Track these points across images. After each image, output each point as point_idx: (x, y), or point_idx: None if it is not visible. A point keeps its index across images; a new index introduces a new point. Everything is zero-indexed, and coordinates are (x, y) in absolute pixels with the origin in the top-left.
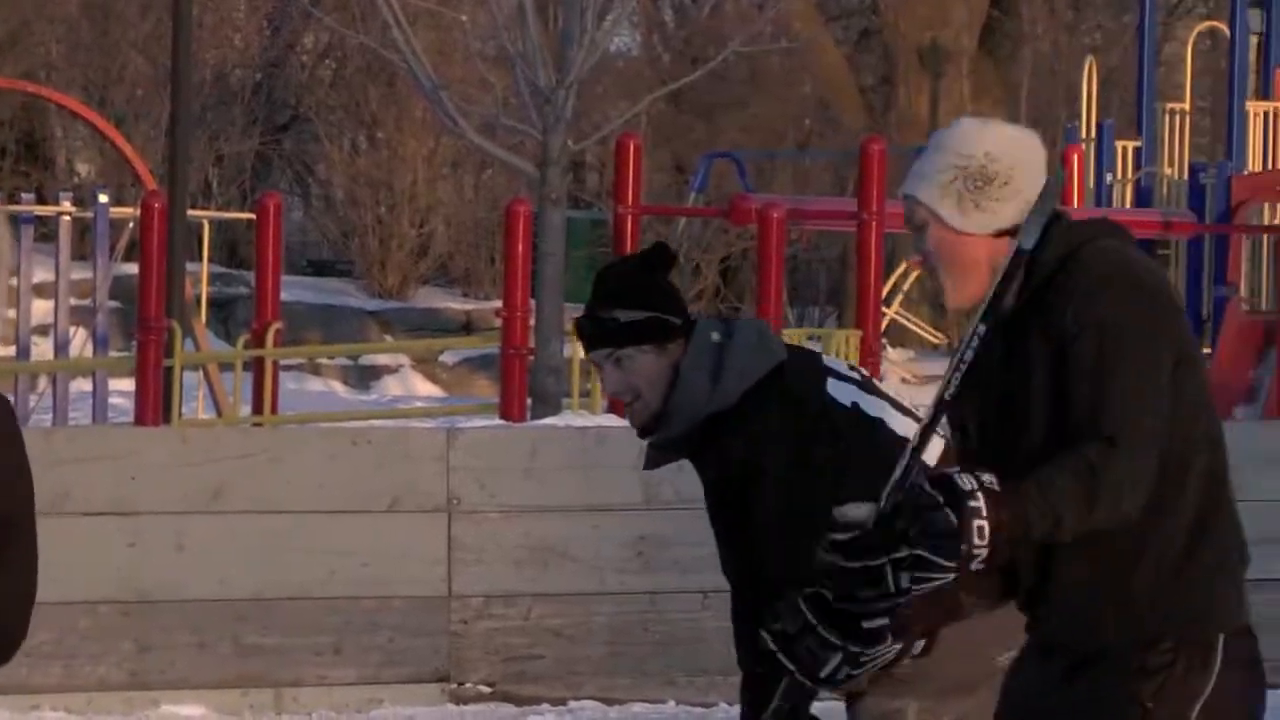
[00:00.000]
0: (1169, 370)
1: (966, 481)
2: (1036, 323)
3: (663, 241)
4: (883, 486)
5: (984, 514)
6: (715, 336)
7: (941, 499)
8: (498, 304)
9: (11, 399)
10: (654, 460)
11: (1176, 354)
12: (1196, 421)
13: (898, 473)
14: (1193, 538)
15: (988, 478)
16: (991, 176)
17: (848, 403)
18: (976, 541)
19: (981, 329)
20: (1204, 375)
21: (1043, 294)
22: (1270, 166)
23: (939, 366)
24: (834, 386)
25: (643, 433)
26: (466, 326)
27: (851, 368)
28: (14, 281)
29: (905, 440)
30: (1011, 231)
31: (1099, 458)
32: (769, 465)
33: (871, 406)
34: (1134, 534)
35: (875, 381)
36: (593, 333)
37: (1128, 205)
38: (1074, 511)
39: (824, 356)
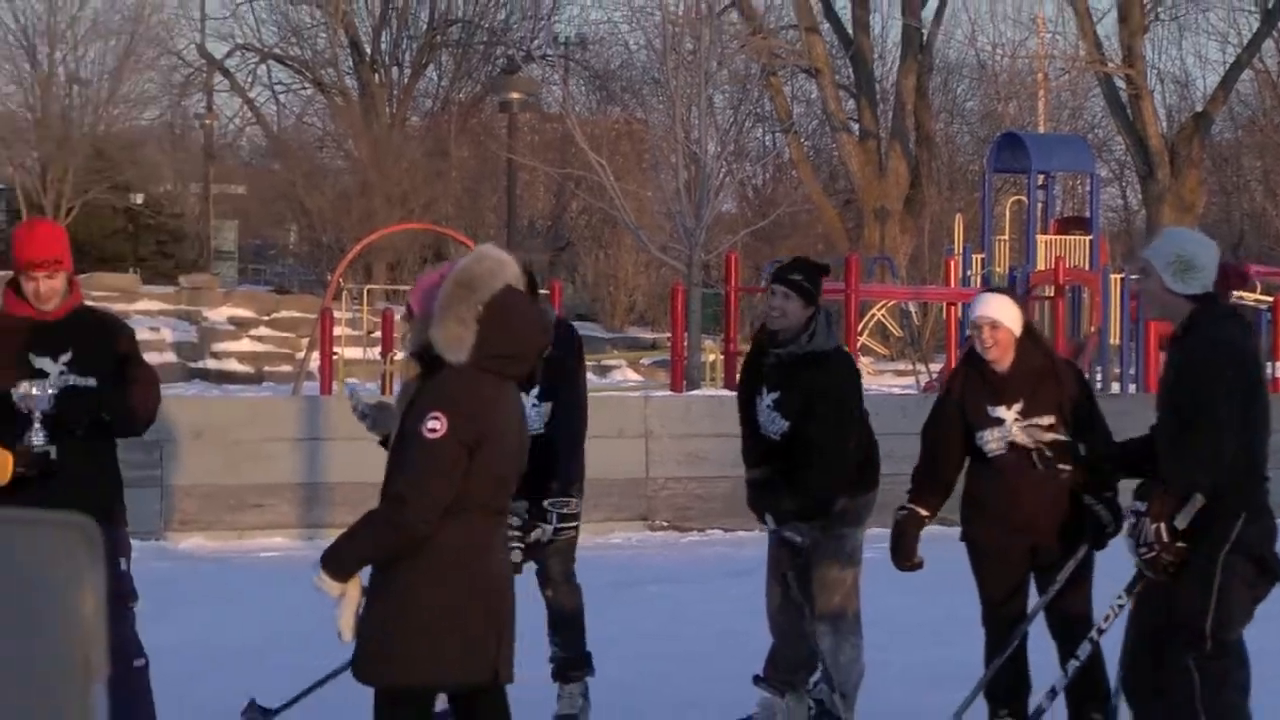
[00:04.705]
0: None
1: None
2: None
3: (826, 264)
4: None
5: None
6: (825, 317)
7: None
8: (668, 334)
9: None
10: (775, 358)
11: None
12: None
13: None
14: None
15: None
16: (1189, 263)
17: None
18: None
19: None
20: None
21: (1180, 339)
22: (1047, 267)
23: (886, 366)
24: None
25: (773, 341)
26: (653, 345)
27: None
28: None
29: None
30: (1191, 296)
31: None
32: (837, 384)
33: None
34: None
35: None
36: (781, 276)
37: (976, 286)
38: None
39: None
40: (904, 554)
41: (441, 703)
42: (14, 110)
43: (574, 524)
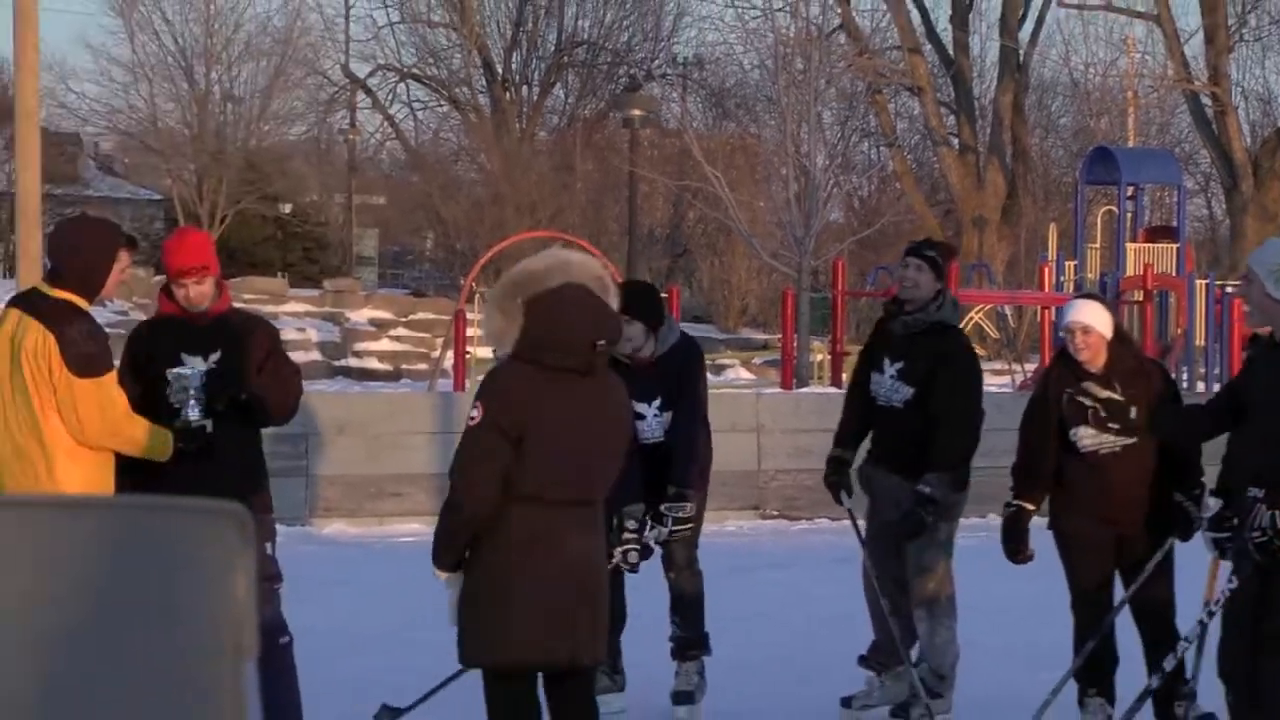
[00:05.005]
0: None
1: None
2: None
3: (955, 246)
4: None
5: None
6: (953, 298)
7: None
8: (778, 336)
9: None
10: (903, 325)
11: None
12: None
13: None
14: None
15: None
16: None
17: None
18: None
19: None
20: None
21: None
22: (1136, 274)
23: (983, 366)
24: None
25: (902, 309)
26: (764, 345)
27: None
28: None
29: None
30: None
31: None
32: (961, 358)
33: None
34: None
35: None
36: (915, 250)
37: (1069, 291)
38: None
39: None
40: (1016, 548)
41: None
42: (173, 126)
43: (688, 527)
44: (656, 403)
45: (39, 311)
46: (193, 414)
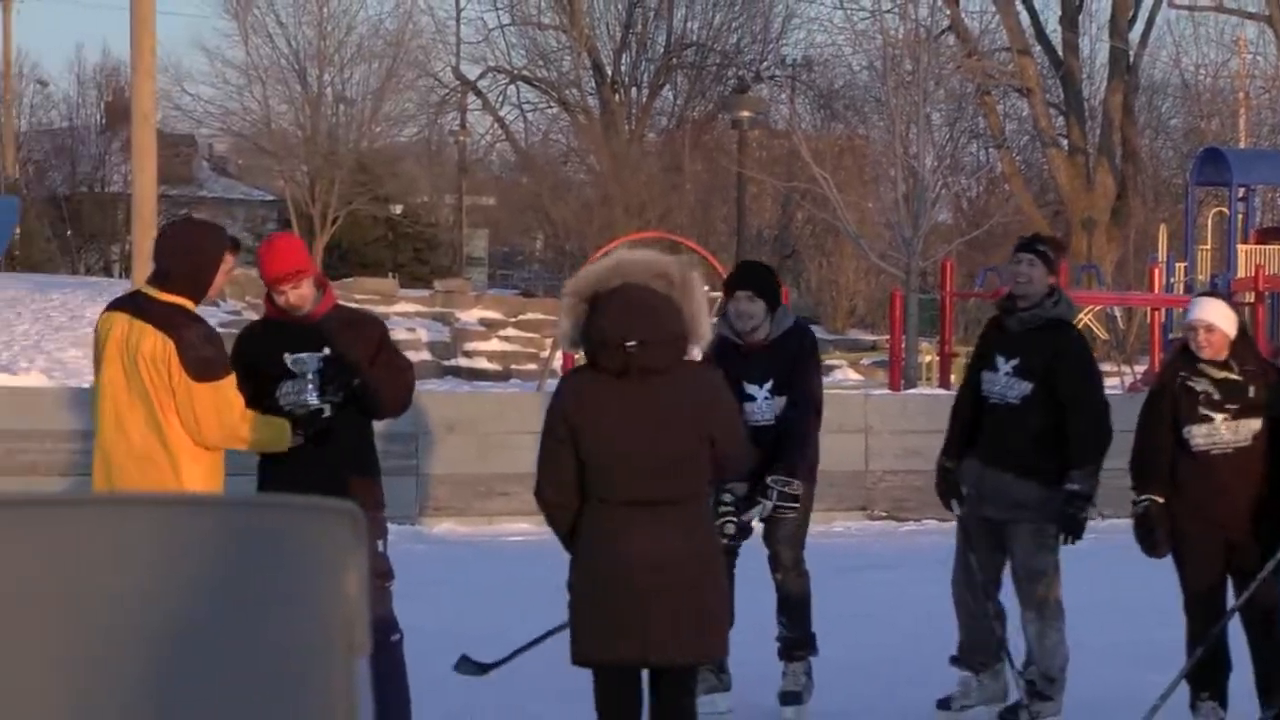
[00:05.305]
0: None
1: None
2: None
3: (1062, 240)
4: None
5: None
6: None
7: None
8: (886, 337)
9: None
10: (1019, 321)
11: None
12: None
13: None
14: None
15: None
16: None
17: None
18: None
19: None
20: None
21: None
22: (1248, 275)
23: None
24: None
25: (1016, 304)
26: (873, 346)
27: None
28: None
29: None
30: None
31: None
32: (1079, 352)
33: None
34: None
35: None
36: (1027, 245)
37: (1179, 293)
38: None
39: None
40: (1155, 544)
41: None
42: (286, 128)
43: (794, 504)
44: (768, 385)
45: (152, 316)
46: (311, 399)
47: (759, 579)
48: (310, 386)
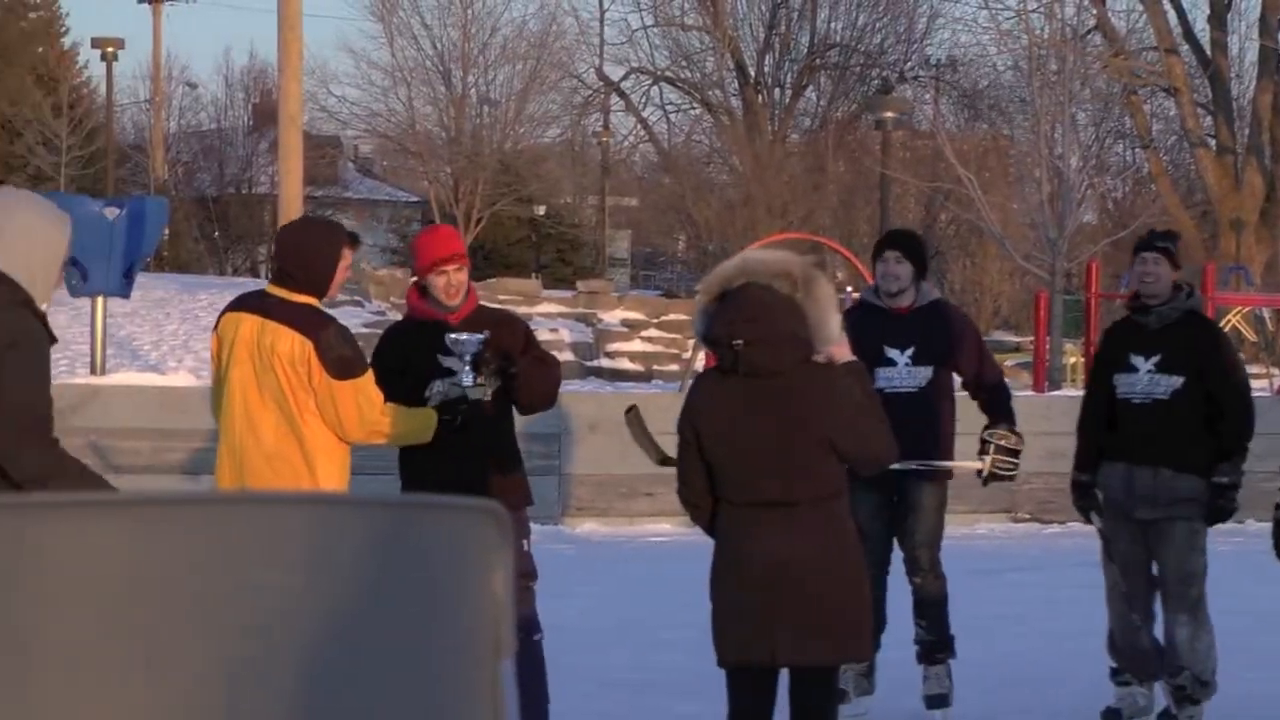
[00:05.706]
0: None
1: None
2: None
3: (1177, 231)
4: None
5: None
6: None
7: None
8: (1031, 338)
9: None
10: (1158, 318)
11: None
12: None
13: None
14: None
15: None
16: None
17: None
18: None
19: None
20: None
21: None
22: None
23: None
24: None
25: (1146, 302)
26: (1017, 348)
27: None
28: None
29: None
30: None
31: None
32: (1223, 342)
33: None
34: None
35: None
36: (1149, 243)
37: None
38: None
39: None
40: None
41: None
42: (430, 129)
43: (1014, 459)
44: (910, 351)
45: (285, 317)
46: (466, 380)
47: (895, 582)
48: (467, 368)
